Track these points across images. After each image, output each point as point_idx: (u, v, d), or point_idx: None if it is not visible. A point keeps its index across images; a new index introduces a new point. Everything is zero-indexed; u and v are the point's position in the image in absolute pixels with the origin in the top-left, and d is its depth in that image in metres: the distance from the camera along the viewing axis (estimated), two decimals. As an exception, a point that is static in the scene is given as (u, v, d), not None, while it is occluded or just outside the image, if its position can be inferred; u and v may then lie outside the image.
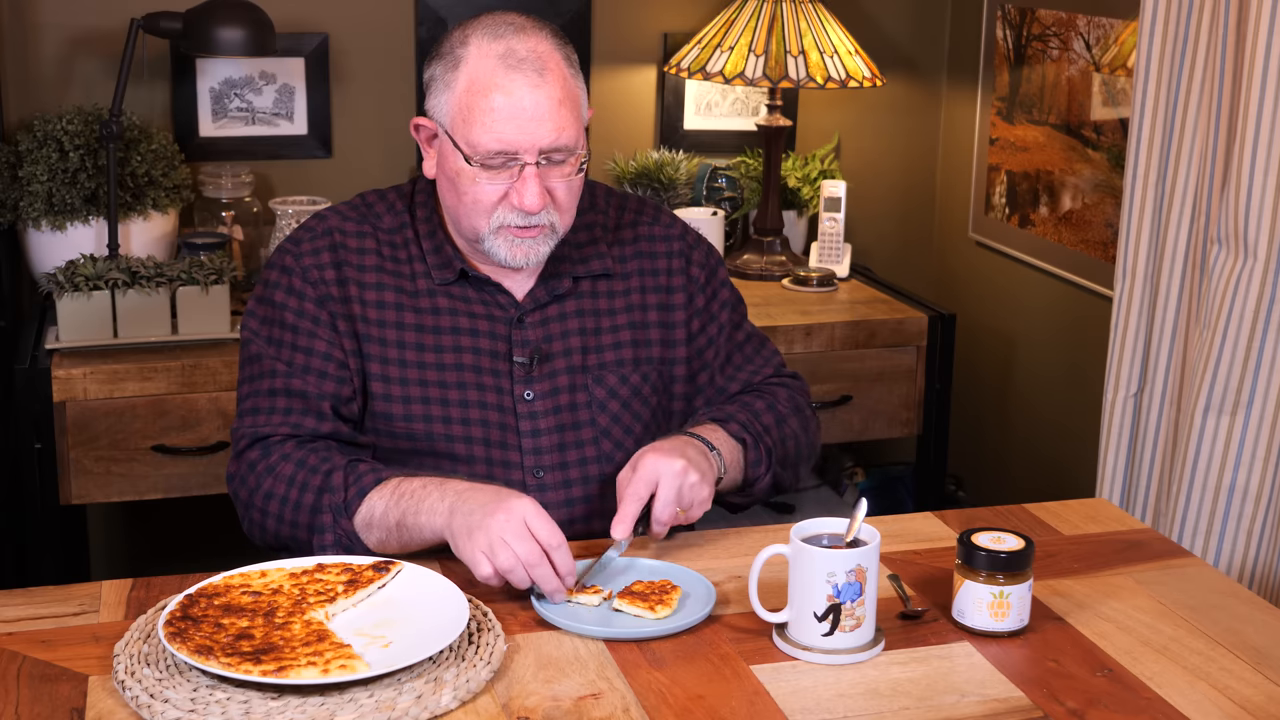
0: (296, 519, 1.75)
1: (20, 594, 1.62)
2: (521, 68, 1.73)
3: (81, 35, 2.97)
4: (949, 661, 1.52)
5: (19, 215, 2.76)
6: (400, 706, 1.38)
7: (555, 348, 1.87)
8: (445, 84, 1.77)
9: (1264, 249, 2.27)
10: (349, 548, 1.72)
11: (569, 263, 1.89)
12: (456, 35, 1.79)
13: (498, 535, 1.58)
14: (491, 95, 1.73)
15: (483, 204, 1.77)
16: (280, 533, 1.77)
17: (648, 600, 1.58)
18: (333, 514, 1.72)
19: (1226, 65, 2.33)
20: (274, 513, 1.77)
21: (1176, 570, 1.74)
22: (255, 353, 1.85)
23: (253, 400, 1.83)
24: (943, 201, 3.59)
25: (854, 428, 2.98)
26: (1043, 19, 3.14)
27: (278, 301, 1.85)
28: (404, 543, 1.69)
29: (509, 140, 1.73)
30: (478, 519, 1.60)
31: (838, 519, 1.57)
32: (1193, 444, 2.38)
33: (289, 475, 1.76)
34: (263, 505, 1.77)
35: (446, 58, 1.78)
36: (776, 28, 3.02)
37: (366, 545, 1.72)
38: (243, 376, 1.87)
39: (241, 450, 1.81)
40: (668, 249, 1.96)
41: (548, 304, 1.88)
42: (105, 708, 1.39)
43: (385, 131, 3.19)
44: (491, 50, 1.74)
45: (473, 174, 1.75)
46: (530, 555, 1.57)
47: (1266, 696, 1.46)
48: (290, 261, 1.86)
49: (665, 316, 1.94)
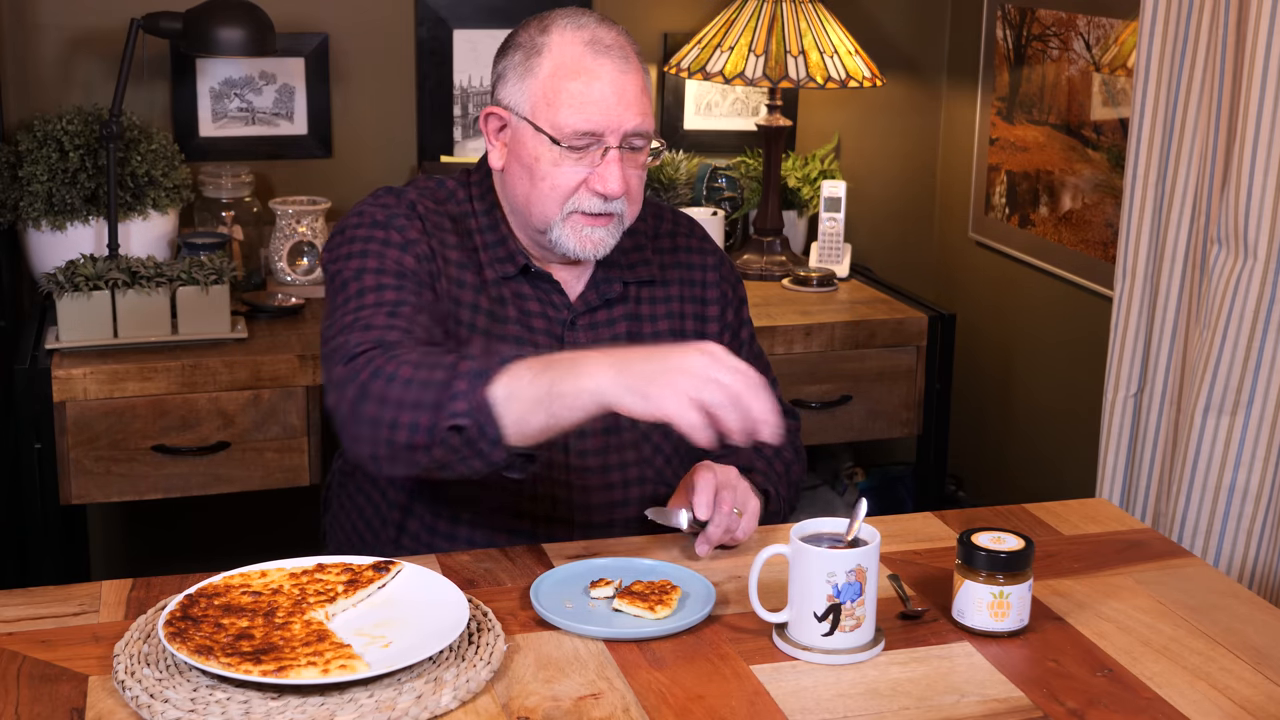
0: (421, 398, 1.55)
1: (20, 594, 1.62)
2: (609, 53, 1.78)
3: (81, 35, 2.97)
4: (949, 661, 1.52)
5: (19, 215, 2.76)
6: (400, 706, 1.38)
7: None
8: (526, 69, 1.79)
9: (1264, 249, 2.27)
10: (482, 426, 1.52)
11: (618, 268, 1.91)
12: (534, 26, 1.82)
13: (699, 375, 1.45)
14: (580, 78, 1.76)
15: (560, 189, 1.78)
16: (398, 421, 1.56)
17: (647, 600, 1.58)
18: (469, 381, 1.53)
19: (1226, 65, 2.33)
20: (394, 398, 1.56)
21: (1176, 570, 1.74)
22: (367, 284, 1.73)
23: (365, 319, 1.69)
24: (943, 201, 3.59)
25: (854, 428, 2.98)
26: (1043, 19, 3.14)
27: (375, 250, 1.76)
28: (551, 414, 1.51)
29: (596, 121, 1.76)
30: (667, 364, 1.47)
31: (838, 519, 1.57)
32: (1193, 444, 2.38)
33: (416, 360, 1.59)
34: (382, 392, 1.57)
35: (525, 47, 1.81)
36: (776, 28, 3.02)
37: (500, 423, 1.52)
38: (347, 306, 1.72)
39: (358, 354, 1.64)
40: (702, 261, 2.00)
41: (598, 308, 1.90)
42: (105, 708, 1.39)
43: (385, 131, 3.19)
44: (577, 37, 1.78)
45: (555, 157, 1.77)
46: (739, 382, 1.45)
47: (1266, 696, 1.46)
48: (383, 217, 1.80)
49: (700, 326, 1.97)
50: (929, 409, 3.01)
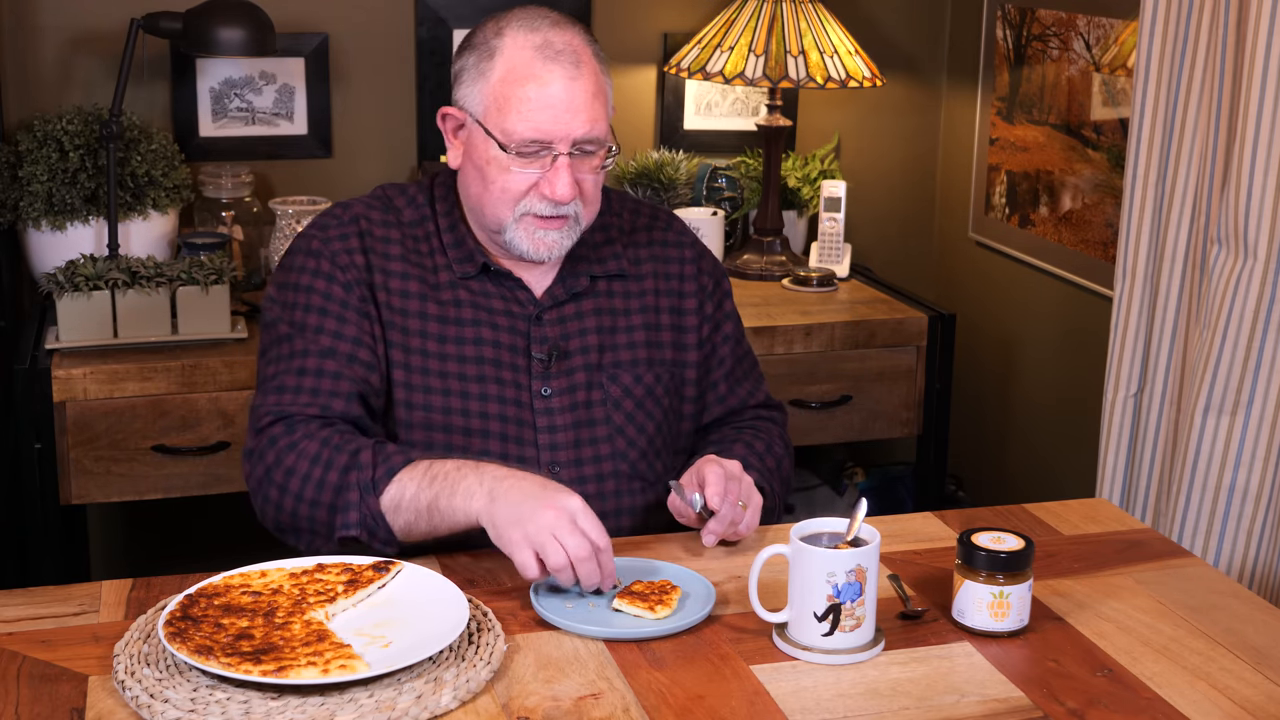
0: (319, 497, 1.70)
1: (20, 594, 1.62)
2: (559, 59, 1.76)
3: (81, 35, 2.97)
4: (949, 661, 1.52)
5: (19, 215, 2.76)
6: (400, 706, 1.38)
7: (572, 345, 1.88)
8: (479, 73, 1.79)
9: (1264, 249, 2.27)
10: (373, 530, 1.68)
11: (586, 262, 1.91)
12: (490, 27, 1.81)
13: (548, 532, 1.56)
14: (528, 85, 1.75)
15: (511, 193, 1.78)
16: (299, 512, 1.72)
17: (647, 600, 1.58)
18: (360, 492, 1.67)
19: (1226, 65, 2.33)
20: (294, 491, 1.71)
21: (1176, 570, 1.74)
22: (283, 333, 1.82)
23: (279, 380, 1.79)
24: (943, 201, 3.59)
25: (854, 428, 2.98)
26: (1043, 19, 3.14)
27: (304, 285, 1.83)
28: (433, 526, 1.66)
29: (544, 129, 1.75)
30: (527, 510, 1.58)
31: (838, 519, 1.57)
32: (1193, 444, 2.38)
33: (313, 453, 1.71)
34: (283, 482, 1.72)
35: (480, 48, 1.80)
36: (776, 28, 3.02)
37: (392, 528, 1.68)
38: (267, 357, 1.83)
39: (264, 427, 1.76)
40: (680, 255, 1.98)
41: (565, 302, 1.89)
42: (105, 708, 1.39)
43: (385, 131, 3.19)
44: (528, 41, 1.77)
45: (505, 162, 1.77)
46: (580, 551, 1.56)
47: (1266, 696, 1.46)
48: (318, 245, 1.84)
49: (677, 320, 1.96)
50: (929, 409, 3.01)
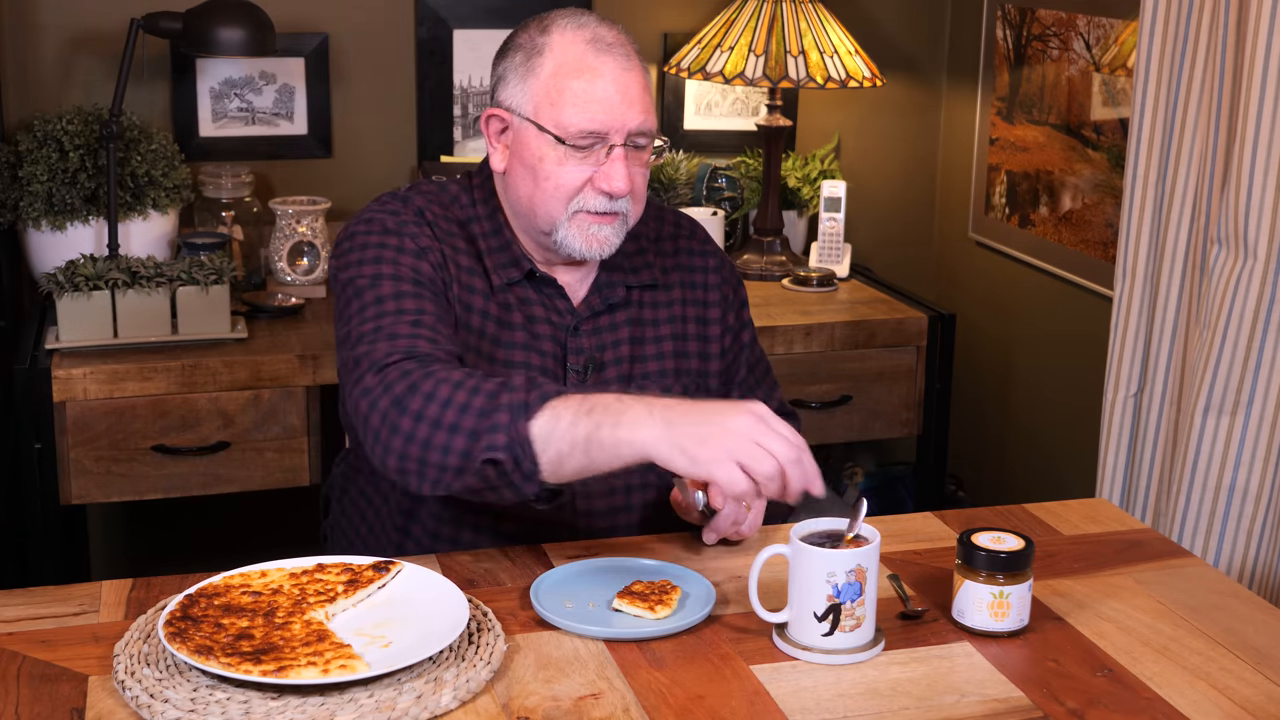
0: (461, 421, 1.54)
1: (20, 594, 1.62)
2: (611, 51, 1.77)
3: (81, 35, 2.97)
4: (949, 661, 1.52)
5: (19, 215, 2.76)
6: (400, 706, 1.38)
7: (607, 356, 1.87)
8: (528, 70, 1.79)
9: (1264, 249, 2.27)
10: (518, 458, 1.52)
11: (621, 272, 1.90)
12: (534, 26, 1.81)
13: (749, 440, 1.47)
14: (583, 76, 1.76)
15: (565, 188, 1.77)
16: (432, 441, 1.55)
17: (647, 600, 1.58)
18: (510, 414, 1.52)
19: (1226, 65, 2.33)
20: (432, 416, 1.55)
21: (1176, 570, 1.74)
22: (384, 292, 1.71)
23: (392, 328, 1.67)
24: (943, 201, 3.59)
25: (854, 428, 2.98)
26: (1043, 19, 3.14)
27: (389, 257, 1.75)
28: (591, 459, 1.51)
29: (601, 120, 1.75)
30: (716, 426, 1.47)
31: (838, 519, 1.57)
32: (1193, 444, 2.38)
33: (457, 379, 1.57)
34: (420, 408, 1.56)
35: (526, 48, 1.80)
36: (776, 28, 3.02)
37: (539, 459, 1.52)
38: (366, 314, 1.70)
39: (392, 363, 1.62)
40: (704, 264, 1.99)
41: (601, 313, 1.89)
42: (105, 708, 1.39)
43: (385, 131, 3.19)
44: (579, 36, 1.78)
45: (559, 157, 1.76)
46: (788, 452, 1.48)
47: (1266, 696, 1.46)
48: (393, 223, 1.79)
49: (702, 330, 1.96)
50: (929, 409, 3.01)
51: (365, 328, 1.68)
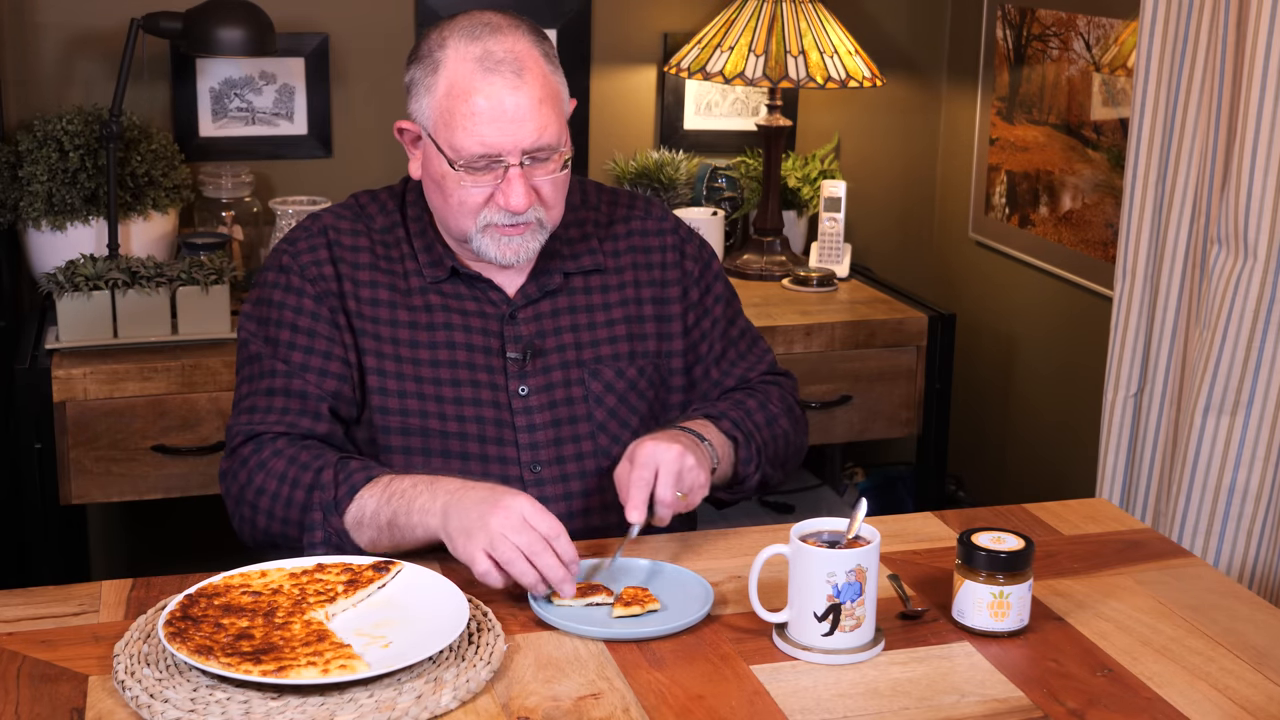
0: (288, 516, 1.74)
1: (20, 594, 1.62)
2: (500, 69, 1.74)
3: (81, 35, 2.97)
4: (949, 661, 1.52)
5: (19, 215, 2.76)
6: (400, 706, 1.38)
7: (548, 343, 1.88)
8: (426, 88, 1.78)
9: (1264, 249, 2.27)
10: (339, 546, 1.71)
11: (560, 259, 1.90)
12: (434, 37, 1.79)
13: (497, 531, 1.57)
14: (471, 99, 1.74)
15: (468, 205, 1.78)
16: (270, 529, 1.77)
17: (640, 602, 1.58)
18: (323, 512, 1.71)
19: (1226, 65, 2.33)
20: (264, 509, 1.76)
21: (1176, 570, 1.74)
22: (254, 352, 1.85)
23: (250, 399, 1.83)
24: (943, 201, 3.59)
25: (854, 428, 2.98)
26: (1043, 19, 3.14)
27: (276, 300, 1.85)
28: (396, 542, 1.69)
29: (491, 143, 1.74)
30: (474, 518, 1.59)
31: (838, 519, 1.57)
32: (1193, 444, 2.38)
33: (280, 471, 1.75)
34: (254, 501, 1.77)
35: (425, 61, 1.79)
36: (776, 28, 3.02)
37: (358, 544, 1.71)
38: (241, 376, 1.87)
39: (235, 447, 1.81)
40: (660, 243, 1.97)
41: (539, 299, 1.89)
42: (105, 708, 1.39)
43: (385, 131, 3.17)
44: (469, 53, 1.75)
45: (457, 177, 1.77)
46: (531, 545, 1.56)
47: (1266, 696, 1.46)
48: (288, 260, 1.86)
49: (660, 310, 1.95)
50: (929, 409, 3.01)
51: (241, 391, 1.86)
